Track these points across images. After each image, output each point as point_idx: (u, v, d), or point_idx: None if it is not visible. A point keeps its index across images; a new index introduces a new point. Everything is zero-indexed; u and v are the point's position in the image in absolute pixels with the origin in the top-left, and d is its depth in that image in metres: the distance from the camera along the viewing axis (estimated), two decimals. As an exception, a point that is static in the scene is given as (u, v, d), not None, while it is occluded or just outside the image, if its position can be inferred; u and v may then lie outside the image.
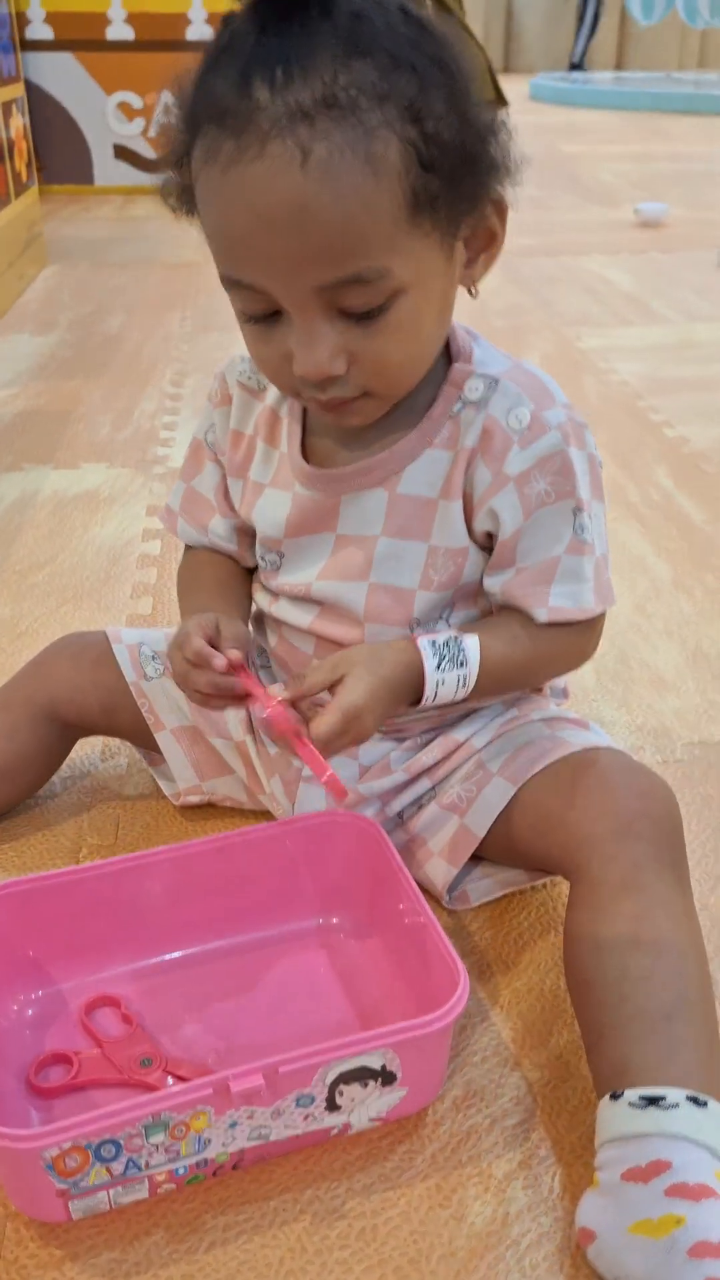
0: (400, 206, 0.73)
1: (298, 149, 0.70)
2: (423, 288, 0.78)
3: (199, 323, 2.74)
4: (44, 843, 1.05)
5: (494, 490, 0.87)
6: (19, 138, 3.12)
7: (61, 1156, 0.66)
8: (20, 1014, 0.85)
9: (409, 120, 0.72)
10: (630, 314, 2.83)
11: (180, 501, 1.04)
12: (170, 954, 0.90)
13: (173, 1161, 0.71)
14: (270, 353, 0.81)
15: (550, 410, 0.86)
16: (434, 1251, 0.71)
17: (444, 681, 0.86)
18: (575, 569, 0.88)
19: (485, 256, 0.84)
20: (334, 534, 0.92)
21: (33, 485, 1.84)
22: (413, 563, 0.90)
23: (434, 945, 0.80)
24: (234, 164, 0.72)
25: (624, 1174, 0.68)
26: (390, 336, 0.78)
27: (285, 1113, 0.73)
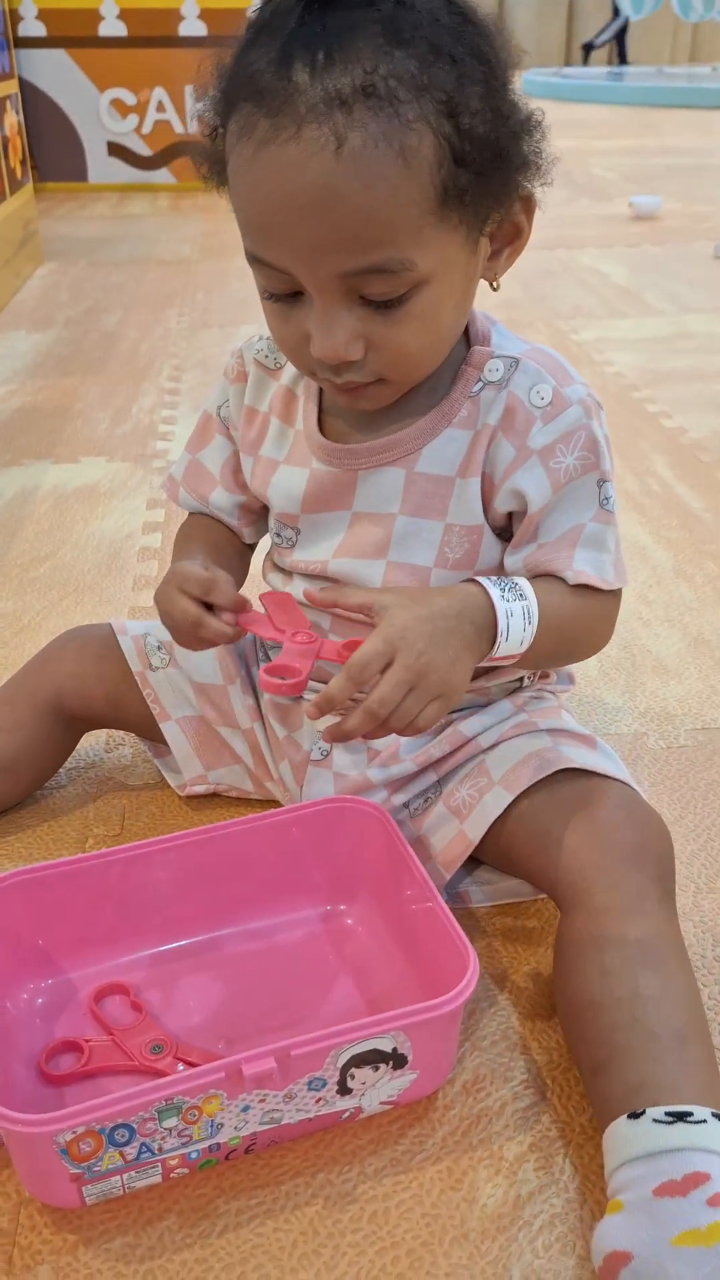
0: (429, 200, 0.73)
1: (333, 136, 0.70)
2: (444, 280, 0.78)
3: (196, 319, 2.74)
4: (50, 834, 1.06)
5: (517, 465, 0.87)
6: (13, 134, 3.12)
7: (75, 1141, 0.67)
8: (30, 1002, 0.85)
9: (445, 114, 0.72)
10: (625, 306, 2.83)
11: (184, 472, 1.05)
12: (177, 942, 0.91)
13: (185, 1145, 0.71)
14: (290, 332, 0.81)
15: (570, 387, 0.87)
16: (446, 1234, 0.72)
17: (512, 613, 0.82)
18: (599, 536, 0.88)
19: (510, 251, 0.84)
20: (350, 511, 0.93)
21: (32, 480, 1.84)
22: (429, 540, 0.90)
23: (442, 929, 0.80)
24: (268, 143, 0.72)
25: (656, 1190, 0.66)
26: (408, 326, 0.79)
27: (297, 1096, 0.73)
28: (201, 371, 2.35)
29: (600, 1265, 0.66)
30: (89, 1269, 0.70)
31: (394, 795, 0.97)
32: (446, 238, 0.76)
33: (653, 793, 1.11)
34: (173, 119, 4.40)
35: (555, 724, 0.95)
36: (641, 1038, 0.73)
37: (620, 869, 0.81)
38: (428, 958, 0.83)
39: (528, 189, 0.81)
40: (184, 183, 4.50)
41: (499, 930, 0.95)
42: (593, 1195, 0.74)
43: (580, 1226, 0.72)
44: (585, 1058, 0.76)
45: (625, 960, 0.76)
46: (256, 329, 2.58)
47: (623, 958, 0.77)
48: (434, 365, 0.85)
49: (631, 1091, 0.71)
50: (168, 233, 3.76)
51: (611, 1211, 0.67)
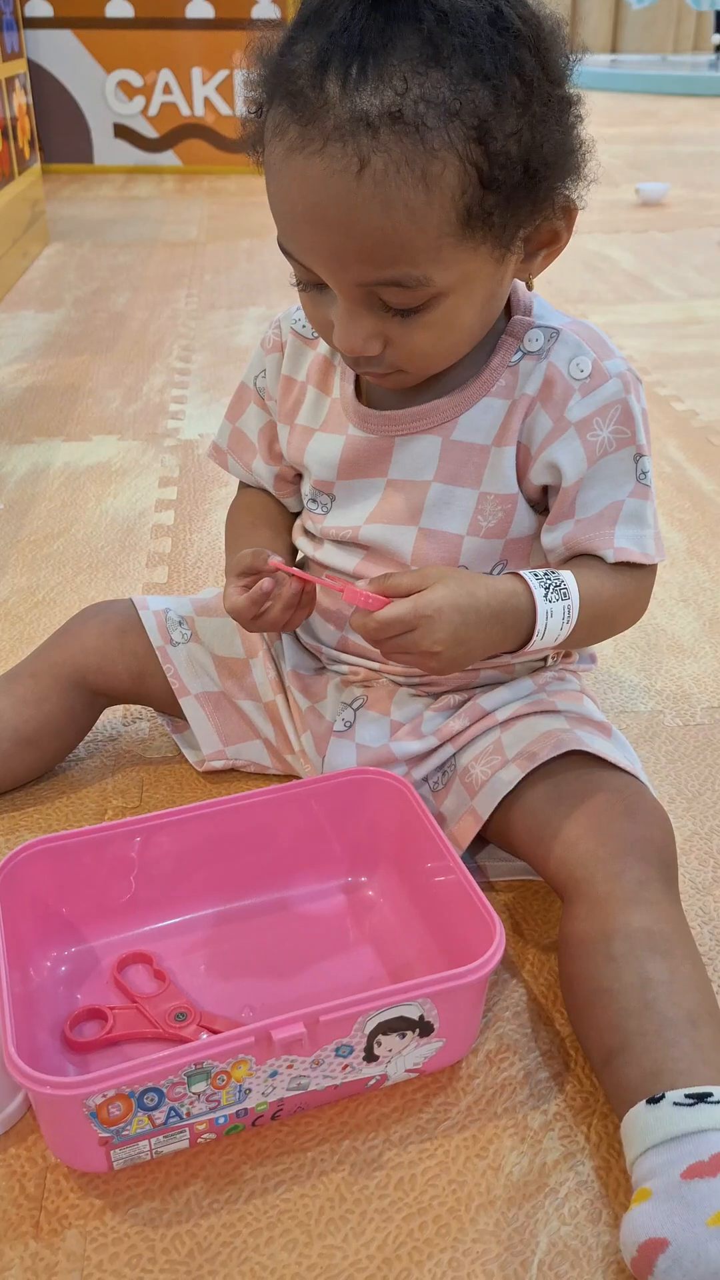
0: (449, 223, 0.73)
1: (356, 157, 0.70)
2: (465, 292, 0.79)
3: (205, 301, 2.73)
4: (70, 806, 1.06)
5: (554, 437, 0.87)
6: (21, 114, 3.11)
7: (105, 1105, 0.67)
8: (54, 970, 0.85)
9: (475, 140, 0.71)
10: (633, 291, 2.83)
11: (228, 440, 1.07)
12: (199, 912, 0.91)
13: (213, 1111, 0.71)
14: (317, 316, 0.84)
15: (610, 360, 0.87)
16: (473, 1201, 0.72)
17: (552, 613, 0.84)
18: (638, 512, 0.89)
19: (547, 253, 0.84)
20: (385, 479, 0.93)
21: (44, 458, 1.83)
22: (462, 508, 0.91)
23: (467, 899, 0.80)
24: (296, 151, 0.73)
25: (685, 1173, 0.65)
26: (426, 331, 0.80)
27: (324, 1062, 0.73)
28: (211, 352, 2.35)
29: (635, 1256, 0.65)
30: (116, 1233, 0.70)
31: (414, 769, 0.97)
32: (468, 255, 0.76)
33: (669, 770, 1.11)
34: (179, 101, 4.38)
35: (575, 708, 0.95)
36: (654, 1022, 0.73)
37: (621, 860, 0.81)
38: (450, 928, 0.83)
39: (567, 197, 0.80)
40: (190, 165, 4.49)
41: (518, 903, 0.95)
42: (618, 1164, 0.74)
43: (606, 1194, 0.72)
44: (597, 1046, 0.76)
45: (632, 947, 0.76)
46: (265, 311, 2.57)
47: (629, 944, 0.76)
48: (453, 361, 0.86)
49: (648, 1077, 0.71)
50: (174, 215, 3.75)
51: (639, 1200, 0.66)
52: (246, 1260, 0.68)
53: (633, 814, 0.85)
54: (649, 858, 0.82)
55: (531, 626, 0.84)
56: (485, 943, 0.75)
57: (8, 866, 0.82)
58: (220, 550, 1.48)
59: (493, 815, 0.91)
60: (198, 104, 4.40)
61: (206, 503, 1.66)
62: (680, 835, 1.01)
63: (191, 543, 1.55)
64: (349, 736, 0.97)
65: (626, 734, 1.16)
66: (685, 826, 1.03)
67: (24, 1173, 0.73)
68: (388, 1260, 0.68)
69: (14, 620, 1.35)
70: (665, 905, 0.79)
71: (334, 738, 0.97)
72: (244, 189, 4.21)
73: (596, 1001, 0.76)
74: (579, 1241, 0.69)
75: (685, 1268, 0.62)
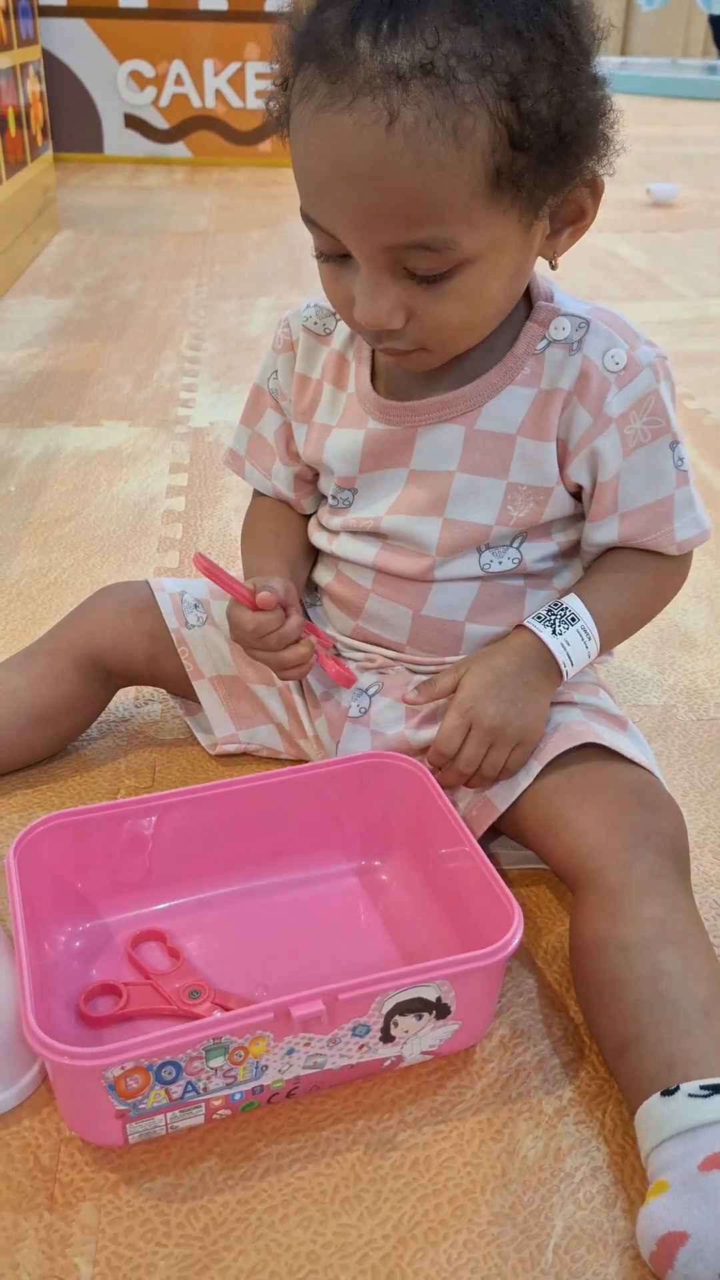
0: (480, 182, 0.72)
1: (386, 110, 0.69)
2: (492, 260, 0.78)
3: (214, 290, 2.73)
4: (83, 784, 1.05)
5: (596, 432, 0.87)
6: (35, 101, 3.10)
7: (124, 1077, 0.66)
8: (68, 945, 0.85)
9: (506, 97, 0.70)
10: (644, 290, 2.83)
11: (246, 446, 1.06)
12: (213, 891, 0.90)
13: (230, 1087, 0.71)
14: (338, 291, 0.83)
15: (640, 349, 0.87)
16: (488, 1183, 0.72)
17: (569, 643, 0.89)
18: (687, 498, 0.91)
19: (572, 231, 0.83)
20: (407, 469, 0.92)
21: (55, 442, 1.83)
22: (490, 498, 0.90)
23: (484, 883, 0.80)
24: (324, 109, 0.72)
25: (702, 1164, 0.65)
26: (452, 302, 0.78)
27: (341, 1041, 0.73)
28: (221, 341, 2.35)
29: (654, 1250, 0.64)
30: (131, 1207, 0.70)
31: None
32: (497, 219, 0.75)
33: (682, 764, 1.11)
34: (190, 93, 4.38)
35: (592, 701, 0.95)
36: (668, 1013, 0.72)
37: (631, 851, 0.81)
38: (465, 913, 0.83)
39: (594, 171, 0.79)
40: (200, 157, 4.49)
41: (533, 890, 0.95)
42: (633, 1150, 0.73)
43: (622, 1180, 0.72)
44: (609, 1037, 0.76)
45: (644, 937, 0.76)
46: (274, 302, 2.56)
47: (641, 935, 0.76)
48: (477, 339, 0.85)
49: (663, 1068, 0.70)
50: (184, 205, 3.74)
51: (656, 1193, 0.66)
52: (261, 1237, 0.68)
53: (644, 806, 0.84)
54: (661, 849, 0.81)
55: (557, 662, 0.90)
56: (502, 927, 0.75)
57: (25, 839, 0.82)
58: (231, 538, 1.49)
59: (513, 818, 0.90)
60: (209, 96, 4.40)
61: (217, 490, 1.66)
62: (693, 829, 1.01)
63: (202, 529, 1.54)
64: (364, 723, 0.97)
65: (640, 728, 1.15)
66: (698, 820, 1.03)
67: (38, 1145, 0.73)
68: (402, 1240, 0.68)
69: (25, 601, 1.35)
70: (677, 896, 0.79)
71: (349, 723, 0.97)
72: (254, 181, 4.21)
73: (609, 992, 0.76)
74: (594, 1226, 0.69)
75: (707, 1260, 0.62)
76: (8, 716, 1.03)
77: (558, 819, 0.86)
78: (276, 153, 4.52)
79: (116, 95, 4.35)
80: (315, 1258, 0.67)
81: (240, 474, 1.07)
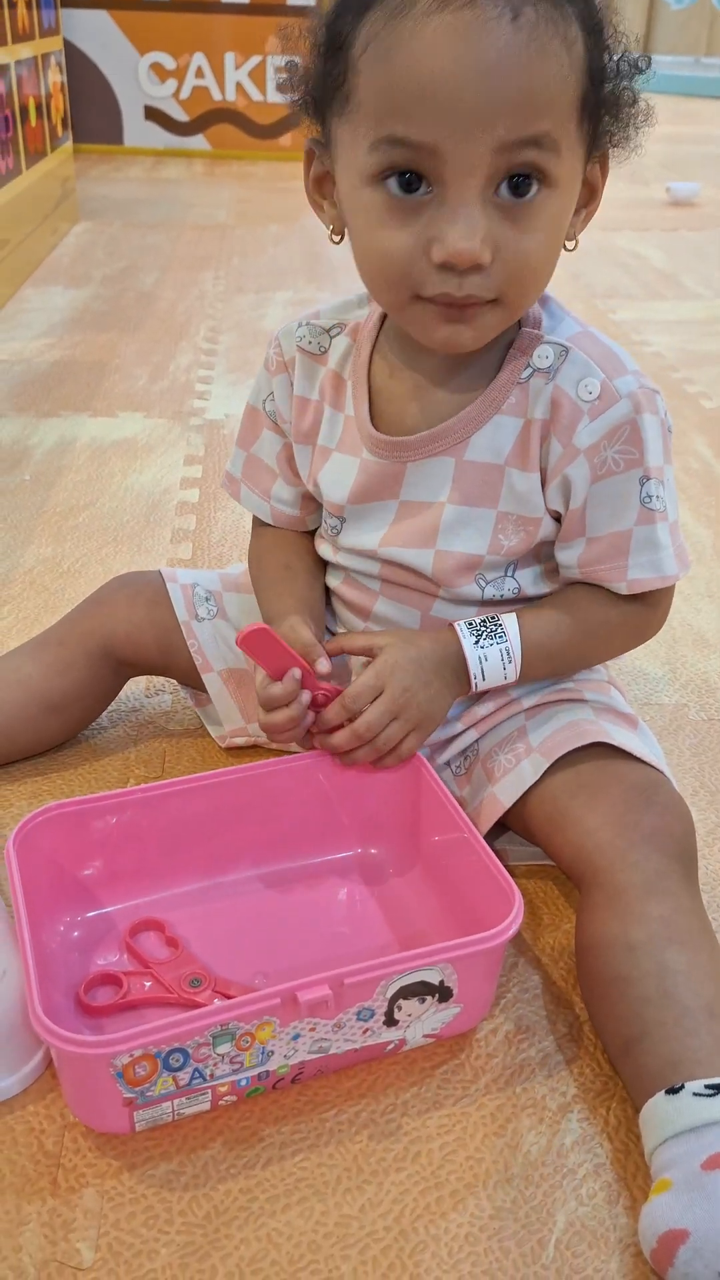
0: (576, 97, 0.75)
1: (508, 6, 0.71)
2: (567, 195, 0.78)
3: (232, 284, 2.73)
4: (92, 773, 1.06)
5: (566, 462, 0.86)
6: (56, 92, 3.10)
7: (131, 1065, 0.67)
8: (66, 935, 0.85)
9: (586, 30, 0.75)
10: (663, 289, 2.82)
11: (242, 468, 1.04)
12: (212, 880, 0.91)
13: (236, 1073, 0.71)
14: (406, 240, 0.77)
15: (621, 378, 0.85)
16: (490, 1178, 0.72)
17: (486, 657, 0.88)
18: (649, 538, 0.87)
19: (585, 212, 0.84)
20: (397, 500, 0.92)
21: (71, 432, 1.83)
22: (480, 529, 0.90)
23: (484, 870, 0.80)
24: (437, 12, 0.71)
25: (705, 1163, 0.65)
26: (534, 234, 0.77)
27: (345, 1026, 0.73)
28: (238, 334, 2.35)
29: (655, 1247, 0.64)
30: (134, 1193, 0.70)
31: (438, 755, 0.97)
32: (575, 149, 0.77)
33: (693, 763, 1.11)
34: (211, 85, 4.38)
35: (601, 699, 0.95)
36: (674, 1012, 0.72)
37: (639, 850, 0.81)
38: (463, 899, 0.84)
39: (606, 148, 0.81)
40: (219, 150, 4.49)
41: (538, 887, 0.95)
42: (637, 1148, 0.73)
43: (625, 1177, 0.72)
44: (614, 1035, 0.76)
45: (651, 936, 0.76)
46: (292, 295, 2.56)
47: (648, 933, 0.76)
48: (540, 290, 0.83)
49: (667, 1067, 0.70)
50: (202, 198, 3.75)
51: (659, 1191, 0.66)
52: (263, 1225, 0.68)
53: (652, 805, 0.84)
54: (667, 848, 0.81)
55: None
56: (501, 912, 0.76)
57: (25, 829, 0.82)
58: (244, 530, 1.49)
59: (518, 813, 0.90)
60: (229, 89, 4.40)
61: (232, 482, 1.66)
62: (703, 828, 1.01)
63: (216, 520, 1.55)
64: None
65: (650, 726, 1.15)
66: (708, 819, 1.03)
67: (42, 1130, 0.73)
68: (404, 1232, 0.68)
69: (39, 589, 1.36)
70: (684, 896, 0.79)
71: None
72: (273, 175, 4.21)
73: (614, 990, 0.76)
74: (596, 1223, 0.69)
75: (706, 1259, 0.62)
76: (18, 704, 1.03)
77: (565, 816, 0.86)
78: (296, 147, 4.51)
79: (137, 87, 4.35)
80: (316, 1248, 0.67)
81: (236, 498, 1.05)
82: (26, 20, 2.72)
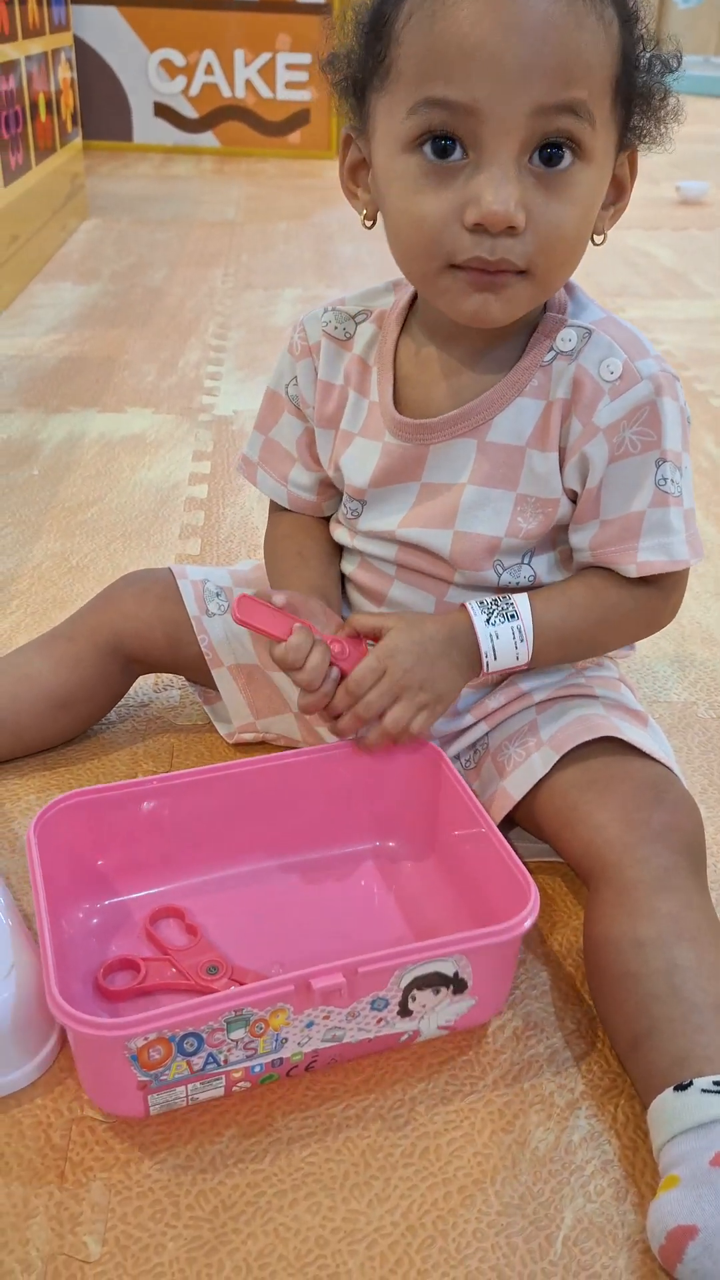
0: (611, 77, 0.77)
1: None
2: (599, 171, 0.79)
3: (241, 280, 2.73)
4: (101, 768, 1.06)
5: (585, 440, 0.86)
6: (65, 88, 3.10)
7: (146, 1048, 0.67)
8: (85, 922, 0.86)
9: (622, 21, 0.77)
10: (672, 287, 2.81)
11: (259, 452, 1.04)
12: (230, 870, 0.91)
13: (250, 1059, 0.72)
14: (441, 205, 0.78)
15: (643, 360, 0.85)
16: (498, 1174, 0.71)
17: (498, 635, 0.88)
18: (662, 521, 0.87)
19: (614, 209, 0.85)
20: (419, 483, 0.92)
21: (79, 427, 1.83)
22: (499, 510, 0.90)
23: (500, 863, 0.80)
24: None
25: (712, 1160, 0.65)
26: (567, 206, 0.78)
27: (360, 1015, 0.73)
28: (247, 331, 2.35)
29: (663, 1244, 0.64)
30: (141, 1187, 0.70)
31: (447, 747, 0.96)
32: (608, 130, 0.79)
33: (702, 760, 1.11)
34: (220, 82, 4.38)
35: (612, 695, 0.95)
36: (682, 1008, 0.72)
37: (648, 846, 0.81)
38: (480, 893, 0.84)
39: (635, 144, 0.82)
40: (228, 147, 4.49)
41: (548, 883, 0.95)
42: (645, 1145, 0.73)
43: (633, 1174, 0.72)
44: (623, 1031, 0.75)
45: (659, 932, 0.76)
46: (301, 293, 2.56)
47: (656, 929, 0.76)
48: (571, 267, 0.83)
49: (675, 1063, 0.70)
50: (211, 195, 3.75)
51: (667, 1188, 0.66)
52: (270, 1220, 0.68)
53: (661, 801, 0.84)
54: (676, 845, 0.81)
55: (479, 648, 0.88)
56: (516, 906, 0.76)
57: (45, 816, 0.83)
58: (252, 526, 1.49)
59: (528, 808, 0.90)
60: (239, 86, 4.39)
61: (239, 478, 1.65)
62: (712, 826, 1.01)
63: (224, 516, 1.55)
64: None
65: (659, 724, 1.15)
66: (717, 817, 1.03)
67: (50, 1123, 0.73)
68: (411, 1228, 0.68)
69: (47, 584, 1.36)
70: (692, 892, 0.79)
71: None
72: (282, 172, 4.21)
73: (622, 986, 0.76)
74: (604, 1219, 0.69)
75: (715, 1254, 0.62)
76: (27, 699, 1.03)
77: (574, 812, 0.86)
78: (305, 144, 4.52)
79: (147, 84, 4.35)
80: (324, 1243, 0.67)
81: (252, 481, 1.05)
82: (37, 16, 2.72)
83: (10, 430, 1.82)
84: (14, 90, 2.50)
